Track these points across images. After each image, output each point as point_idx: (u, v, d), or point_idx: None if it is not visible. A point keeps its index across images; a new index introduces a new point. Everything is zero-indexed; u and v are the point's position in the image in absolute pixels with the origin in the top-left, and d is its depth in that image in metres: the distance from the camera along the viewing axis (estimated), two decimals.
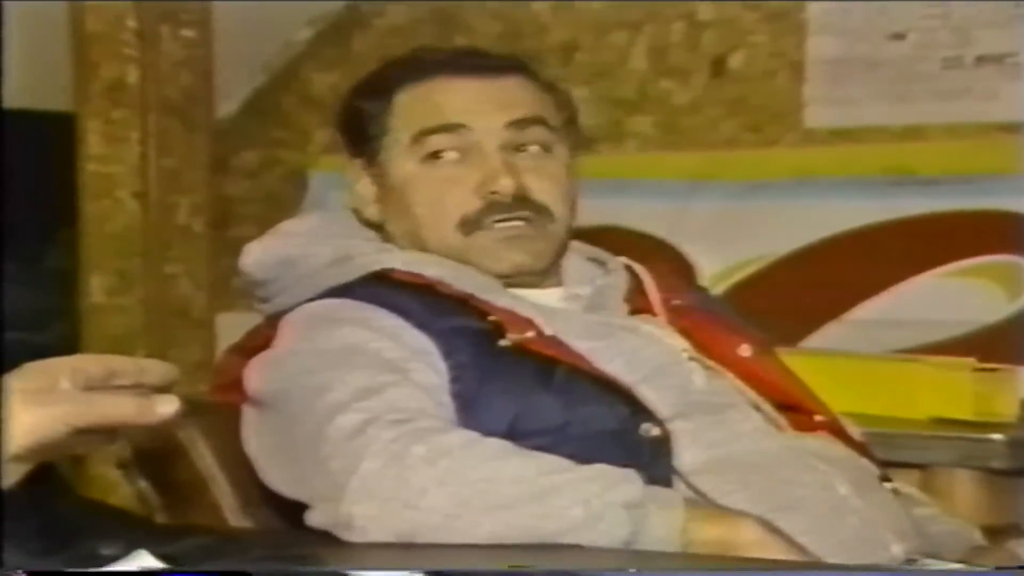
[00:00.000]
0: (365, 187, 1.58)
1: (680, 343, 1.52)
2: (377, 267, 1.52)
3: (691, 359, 1.51)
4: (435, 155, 1.52)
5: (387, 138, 1.55)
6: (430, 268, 1.52)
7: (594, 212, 2.64)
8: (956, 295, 2.39)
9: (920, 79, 2.47)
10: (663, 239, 2.63)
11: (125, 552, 0.98)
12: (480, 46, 2.70)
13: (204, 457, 1.54)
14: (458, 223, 1.52)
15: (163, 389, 1.04)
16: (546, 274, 1.56)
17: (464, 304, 1.48)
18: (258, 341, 1.55)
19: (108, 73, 2.43)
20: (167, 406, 1.02)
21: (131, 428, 1.04)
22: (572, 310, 1.54)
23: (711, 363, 1.52)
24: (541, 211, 1.53)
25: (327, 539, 1.24)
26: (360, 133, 1.57)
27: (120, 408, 1.02)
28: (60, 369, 1.01)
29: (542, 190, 1.53)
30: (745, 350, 1.55)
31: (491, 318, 1.47)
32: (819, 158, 2.54)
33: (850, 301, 2.49)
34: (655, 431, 1.40)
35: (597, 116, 2.68)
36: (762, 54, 2.58)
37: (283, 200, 2.85)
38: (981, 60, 2.44)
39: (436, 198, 1.53)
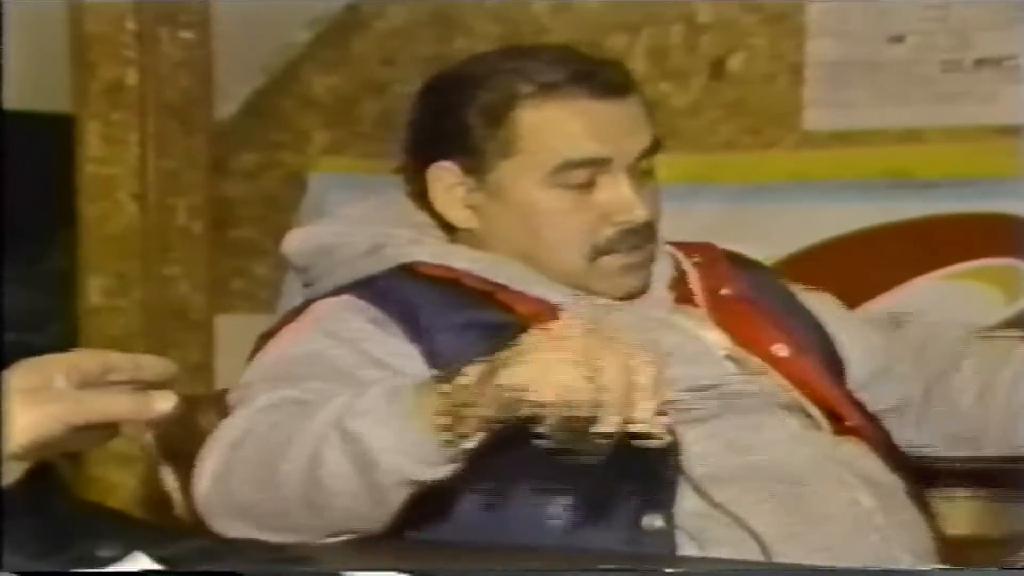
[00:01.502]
0: (457, 192, 1.57)
1: (719, 339, 1.52)
2: (406, 259, 1.52)
3: (728, 357, 1.51)
4: (571, 184, 1.52)
5: (513, 160, 1.53)
6: (458, 260, 1.51)
7: None
8: (955, 298, 2.39)
9: (919, 82, 2.47)
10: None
11: (122, 554, 0.98)
12: (481, 49, 2.73)
13: None
14: (587, 251, 1.53)
15: (161, 385, 1.04)
16: None
17: (489, 297, 1.48)
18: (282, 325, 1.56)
19: (107, 75, 2.43)
20: (165, 402, 1.03)
21: (129, 424, 1.04)
22: (611, 302, 1.53)
23: (752, 360, 1.51)
24: (655, 236, 1.56)
25: (325, 542, 1.24)
26: (464, 144, 1.55)
27: (117, 405, 1.02)
28: (55, 366, 1.01)
29: (655, 215, 1.56)
30: (780, 349, 1.54)
31: (517, 310, 1.46)
32: (818, 161, 2.54)
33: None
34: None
35: None
36: (761, 57, 2.58)
37: (282, 202, 2.85)
38: (980, 63, 2.44)
39: (567, 224, 1.53)
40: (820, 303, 1.70)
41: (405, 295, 1.49)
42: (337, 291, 1.53)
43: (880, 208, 2.48)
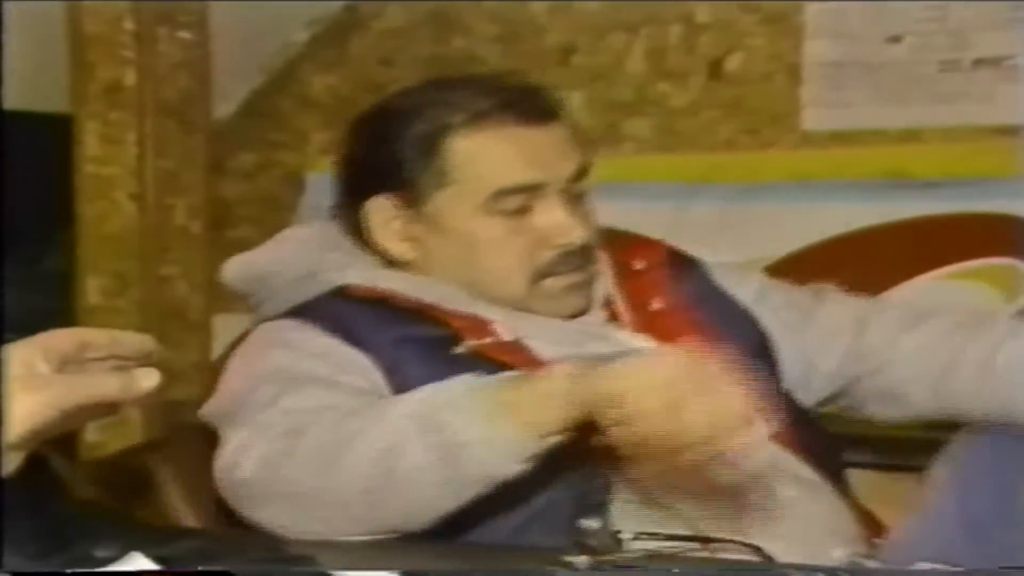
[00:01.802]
0: (395, 225, 1.58)
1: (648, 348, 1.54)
2: (339, 283, 1.54)
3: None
4: (507, 211, 1.54)
5: (448, 190, 1.55)
6: (384, 281, 1.54)
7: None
8: (953, 297, 2.39)
9: (917, 82, 2.47)
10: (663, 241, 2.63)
11: (120, 554, 0.98)
12: (478, 50, 2.73)
13: (170, 492, 1.57)
14: (529, 274, 1.55)
15: (142, 361, 1.04)
16: None
17: (420, 314, 1.50)
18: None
19: (105, 75, 2.42)
20: (149, 380, 1.03)
21: (118, 403, 1.04)
22: (548, 318, 1.56)
23: None
24: (593, 257, 1.58)
25: (321, 541, 1.25)
26: (400, 177, 1.56)
27: (103, 386, 1.02)
28: (32, 351, 1.01)
29: (592, 234, 1.58)
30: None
31: (451, 324, 1.49)
32: (816, 161, 2.54)
33: None
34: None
35: (594, 118, 2.68)
36: (759, 57, 2.58)
37: (280, 202, 2.85)
38: (978, 63, 2.44)
39: (507, 250, 1.55)
40: (787, 301, 1.70)
41: (339, 315, 1.51)
42: (275, 317, 1.56)
43: (879, 208, 2.48)
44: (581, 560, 1.07)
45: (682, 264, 1.72)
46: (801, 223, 2.53)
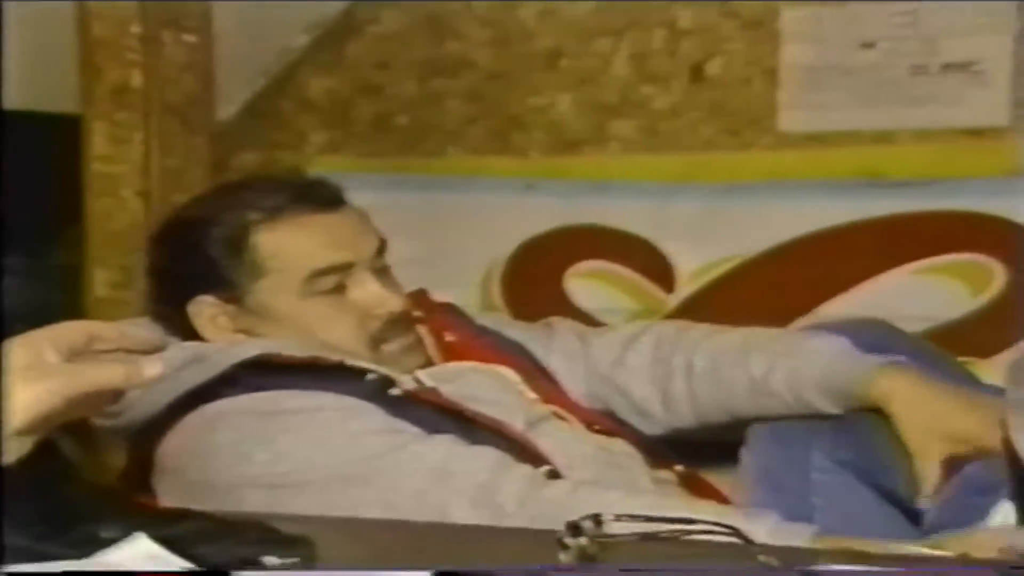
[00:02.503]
0: (221, 321, 1.60)
1: (506, 372, 1.65)
2: (238, 359, 1.54)
3: (518, 384, 1.65)
4: (324, 290, 1.59)
5: (265, 280, 1.58)
6: (292, 348, 1.55)
7: (578, 212, 2.68)
8: (922, 291, 2.39)
9: (889, 86, 2.48)
10: (645, 238, 2.63)
11: (124, 535, 0.98)
12: (470, 54, 2.73)
13: None
14: (367, 342, 1.60)
15: (148, 351, 1.05)
16: None
17: (342, 368, 1.53)
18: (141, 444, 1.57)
19: (113, 77, 2.42)
20: (153, 368, 1.03)
21: (122, 391, 1.04)
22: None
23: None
24: (412, 319, 1.66)
25: (318, 524, 1.24)
26: (215, 278, 1.59)
27: (108, 374, 1.02)
28: (42, 341, 1.01)
29: (405, 299, 1.65)
30: (510, 371, 1.68)
31: (370, 377, 1.54)
32: (793, 161, 2.54)
33: (822, 297, 2.50)
34: (546, 469, 1.52)
35: (581, 120, 2.69)
36: (739, 61, 2.58)
37: None
38: (947, 68, 2.44)
39: (337, 325, 1.60)
40: (527, 339, 1.79)
41: (271, 384, 1.52)
42: (179, 409, 1.53)
43: (852, 206, 2.48)
44: (575, 541, 1.09)
45: (448, 306, 1.82)
46: (778, 220, 2.53)
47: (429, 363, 1.66)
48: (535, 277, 2.68)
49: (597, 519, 1.18)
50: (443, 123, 2.77)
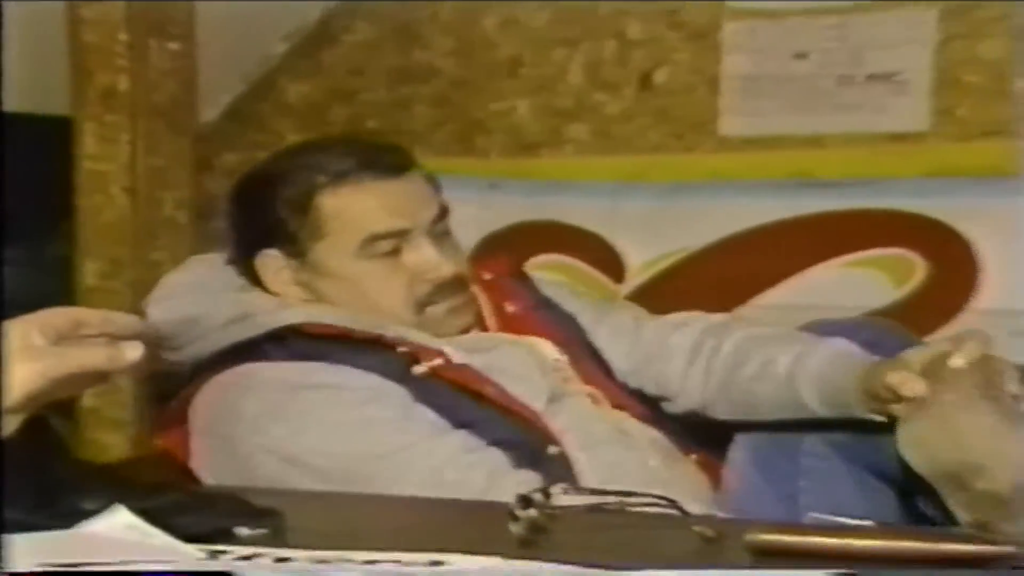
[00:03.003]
0: (284, 275, 1.60)
1: (546, 347, 1.63)
2: (281, 323, 1.54)
3: (553, 359, 1.62)
4: (379, 254, 1.57)
5: (325, 241, 1.58)
6: (331, 317, 1.55)
7: (537, 209, 2.68)
8: (850, 283, 2.41)
9: (820, 94, 2.49)
10: (597, 233, 2.64)
11: (105, 507, 0.98)
12: (436, 62, 2.73)
13: None
14: (412, 305, 1.58)
15: (130, 337, 1.05)
16: None
17: (376, 342, 1.52)
18: (183, 403, 1.55)
19: (102, 81, 2.41)
20: (134, 352, 1.03)
21: (105, 373, 1.04)
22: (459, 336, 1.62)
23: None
24: (466, 283, 1.63)
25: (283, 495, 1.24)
26: (281, 235, 1.59)
27: (92, 357, 1.02)
28: (30, 326, 1.01)
29: (461, 265, 1.63)
30: (555, 348, 1.65)
31: (401, 350, 1.52)
32: (733, 163, 2.55)
33: (758, 288, 2.51)
34: (555, 450, 1.50)
35: (539, 124, 2.69)
36: (683, 70, 2.59)
37: None
38: (872, 78, 2.45)
39: (387, 287, 1.58)
40: (581, 311, 1.77)
41: (315, 352, 1.52)
42: (221, 360, 1.53)
43: (786, 205, 2.49)
44: (526, 512, 1.09)
45: (521, 273, 1.80)
46: (720, 217, 2.54)
47: (473, 327, 1.64)
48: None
49: (546, 492, 1.19)
50: (411, 126, 2.76)
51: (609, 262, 2.63)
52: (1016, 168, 2.34)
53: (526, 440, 1.50)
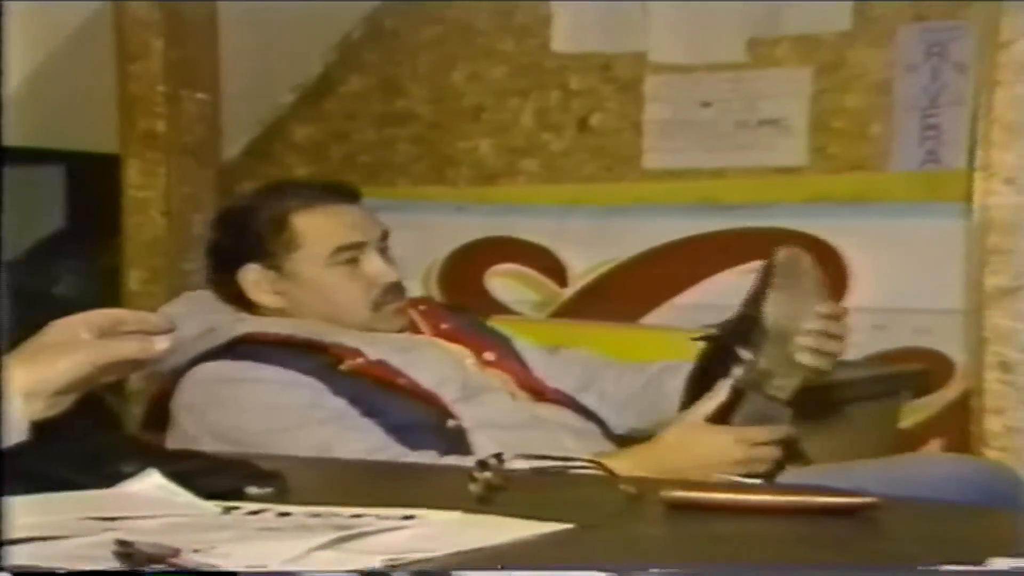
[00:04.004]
0: (264, 284, 1.59)
1: (460, 351, 1.61)
2: (237, 333, 1.53)
3: (469, 361, 1.61)
4: (343, 262, 1.57)
5: (298, 253, 1.58)
6: (276, 328, 1.54)
7: (496, 228, 2.68)
8: (745, 287, 2.40)
9: (722, 135, 2.50)
10: (545, 246, 2.64)
11: (141, 469, 0.97)
12: (414, 108, 2.72)
13: None
14: (369, 304, 1.58)
15: (161, 332, 1.04)
16: None
17: (310, 346, 1.51)
18: (164, 386, 1.55)
19: (144, 125, 2.40)
20: (163, 343, 1.02)
21: (139, 361, 1.04)
22: (387, 335, 1.61)
23: (476, 363, 1.61)
24: (404, 289, 1.64)
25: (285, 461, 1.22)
26: (260, 250, 1.58)
27: (127, 347, 1.01)
28: (78, 323, 1.01)
29: (400, 277, 1.63)
30: (489, 355, 1.63)
31: (329, 353, 1.52)
32: (653, 191, 2.56)
33: (676, 290, 2.52)
34: (453, 423, 1.49)
35: (497, 159, 2.69)
36: (613, 116, 2.60)
37: None
38: (762, 122, 2.48)
39: (350, 289, 1.59)
40: (515, 336, 1.76)
41: (257, 354, 1.51)
42: (192, 366, 1.52)
43: (697, 224, 2.51)
44: (483, 474, 1.07)
45: (450, 306, 1.82)
46: (643, 234, 2.55)
47: (408, 329, 1.64)
48: (463, 276, 2.68)
49: (499, 457, 1.18)
50: (395, 161, 2.76)
51: (555, 270, 2.63)
52: (877, 195, 2.38)
53: (427, 418, 1.49)
